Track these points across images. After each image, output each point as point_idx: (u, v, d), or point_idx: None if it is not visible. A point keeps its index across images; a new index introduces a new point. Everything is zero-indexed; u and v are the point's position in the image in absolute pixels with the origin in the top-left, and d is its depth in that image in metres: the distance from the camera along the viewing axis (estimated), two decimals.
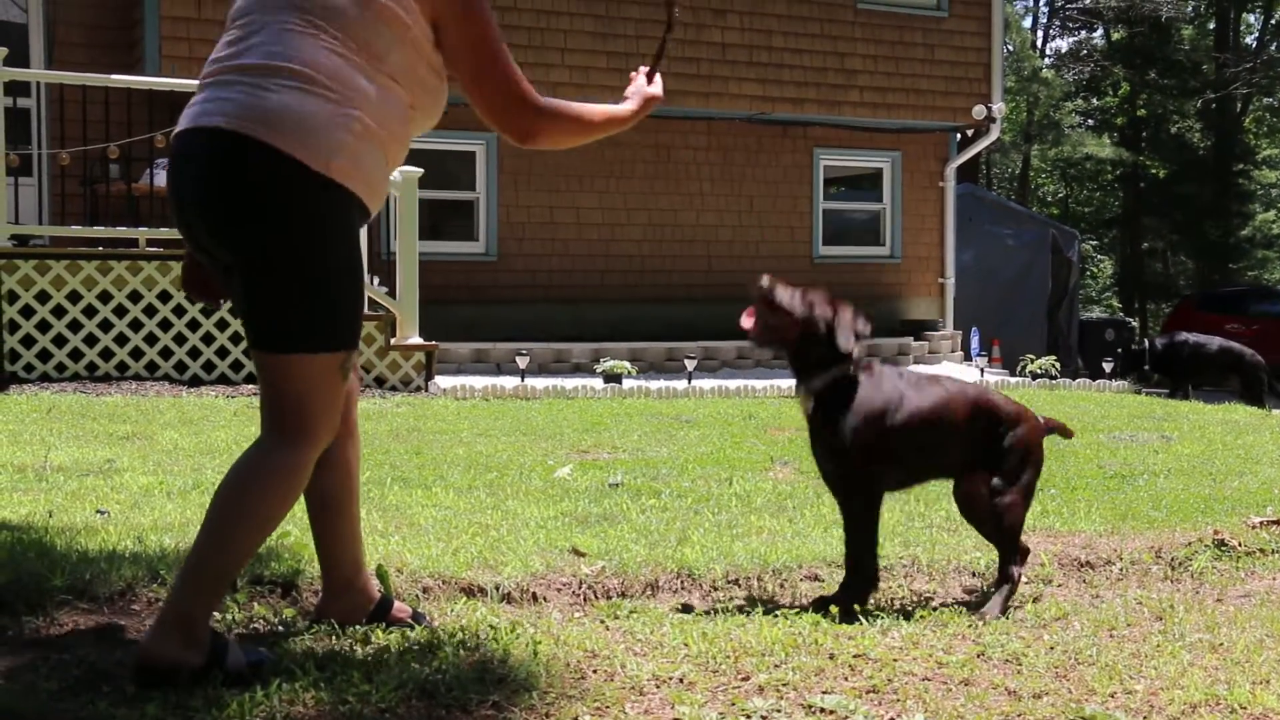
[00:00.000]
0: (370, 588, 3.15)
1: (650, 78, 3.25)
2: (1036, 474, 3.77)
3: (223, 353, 10.05)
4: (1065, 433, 4.05)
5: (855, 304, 3.73)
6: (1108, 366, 15.27)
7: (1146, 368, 14.61)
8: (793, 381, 3.73)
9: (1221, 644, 3.22)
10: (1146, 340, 15.42)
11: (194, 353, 9.96)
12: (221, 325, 10.04)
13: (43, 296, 9.60)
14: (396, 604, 3.18)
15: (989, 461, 3.66)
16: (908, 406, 3.58)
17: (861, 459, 3.53)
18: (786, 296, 3.62)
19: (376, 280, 11.58)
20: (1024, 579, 4.08)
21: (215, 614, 3.19)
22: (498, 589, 3.60)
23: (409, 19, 2.79)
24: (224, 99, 2.67)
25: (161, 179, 10.66)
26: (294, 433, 2.72)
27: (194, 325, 9.95)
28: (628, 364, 12.65)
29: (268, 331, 2.70)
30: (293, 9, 2.71)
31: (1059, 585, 4.10)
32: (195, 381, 9.84)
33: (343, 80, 2.69)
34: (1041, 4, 41.95)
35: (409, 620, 3.14)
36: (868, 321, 3.69)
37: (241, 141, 2.61)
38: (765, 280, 3.62)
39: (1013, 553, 3.69)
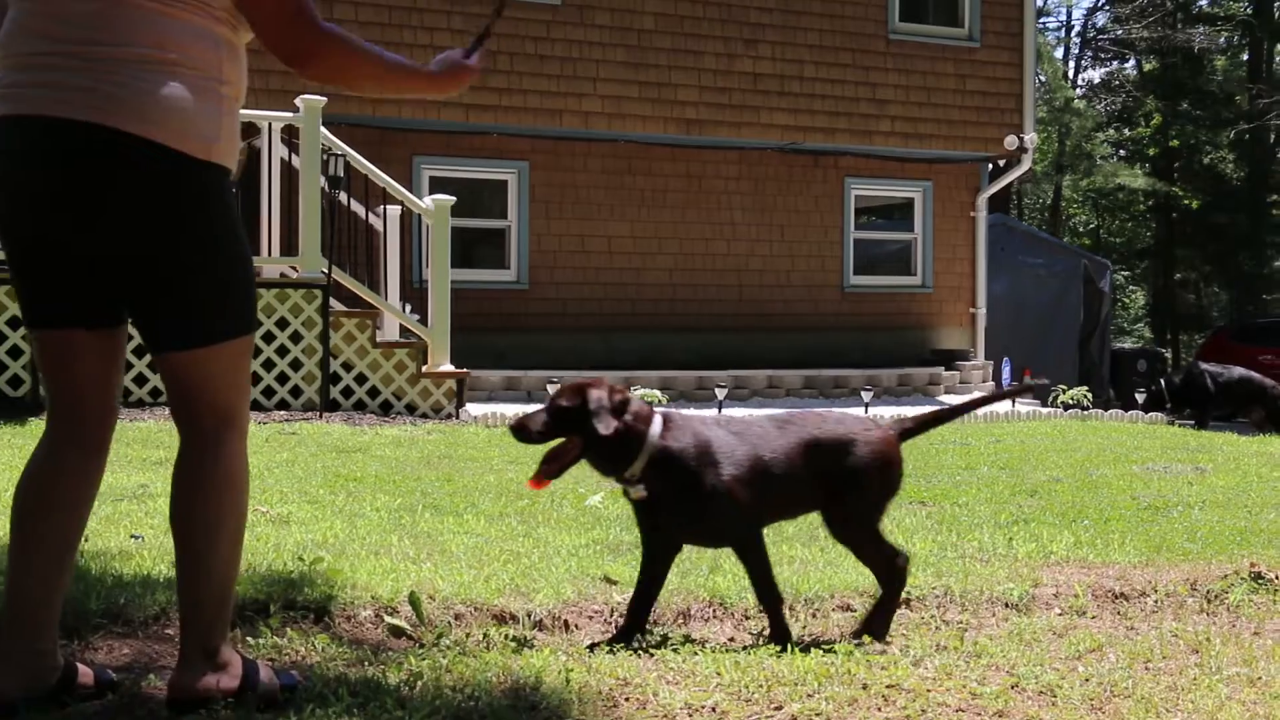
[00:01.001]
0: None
1: (468, 54, 2.96)
2: (890, 488, 3.68)
3: (255, 379, 10.11)
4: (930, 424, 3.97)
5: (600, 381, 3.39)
6: (1140, 398, 15.17)
7: (1168, 406, 14.55)
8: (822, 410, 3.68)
9: (1259, 678, 3.19)
10: (1163, 380, 15.36)
11: None
12: (254, 351, 10.10)
13: None
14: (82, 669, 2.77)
15: (841, 487, 3.54)
16: (728, 450, 3.40)
17: (731, 505, 3.37)
18: (539, 421, 3.34)
19: (409, 307, 11.64)
20: (1056, 610, 4.05)
21: (249, 640, 3.21)
22: (529, 616, 3.61)
23: None
24: (76, 87, 2.50)
25: None
26: (228, 425, 2.67)
27: None
28: (658, 393, 12.66)
29: (195, 326, 2.61)
30: None
31: (1093, 617, 4.07)
32: None
33: (191, 53, 2.56)
34: (1073, 35, 41.94)
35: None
36: (621, 392, 3.38)
37: (119, 138, 2.48)
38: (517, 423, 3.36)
39: (886, 568, 3.60)
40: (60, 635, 3.06)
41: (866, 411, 12.60)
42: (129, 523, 4.77)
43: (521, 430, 3.31)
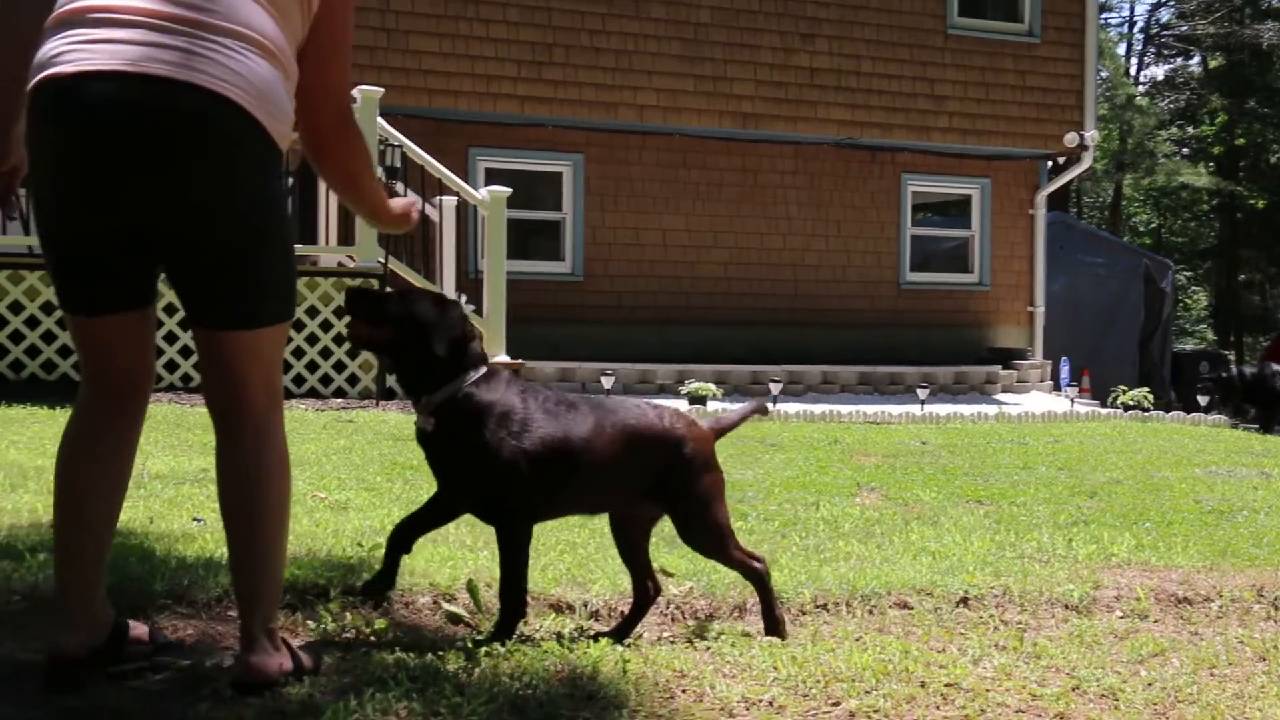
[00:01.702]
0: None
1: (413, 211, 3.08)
2: (716, 483, 3.47)
3: (313, 367, 10.19)
4: (757, 413, 3.81)
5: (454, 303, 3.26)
6: (1202, 400, 14.96)
7: (1237, 398, 14.32)
8: (876, 407, 3.59)
9: None
10: (1234, 370, 15.10)
11: (284, 366, 10.11)
12: (312, 340, 10.18)
13: None
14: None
15: (669, 487, 3.35)
16: (531, 423, 3.15)
17: (508, 475, 3.13)
18: (386, 302, 3.18)
19: (464, 298, 11.69)
20: (1117, 613, 4.01)
21: (309, 623, 3.24)
22: (585, 606, 3.61)
23: None
24: (194, 53, 2.48)
25: None
26: (269, 408, 2.70)
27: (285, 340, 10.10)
28: (713, 386, 12.64)
29: (264, 306, 2.63)
30: None
31: (1155, 621, 4.01)
32: (285, 395, 9.97)
33: (283, 50, 2.62)
34: (1136, 31, 41.42)
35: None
36: (470, 324, 3.22)
37: (230, 107, 2.49)
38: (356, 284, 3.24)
39: (740, 564, 3.45)
40: (127, 613, 3.11)
41: (923, 409, 12.51)
42: (191, 506, 4.83)
43: (357, 301, 3.14)
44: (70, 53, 2.46)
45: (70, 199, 2.52)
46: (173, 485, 5.34)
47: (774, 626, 3.44)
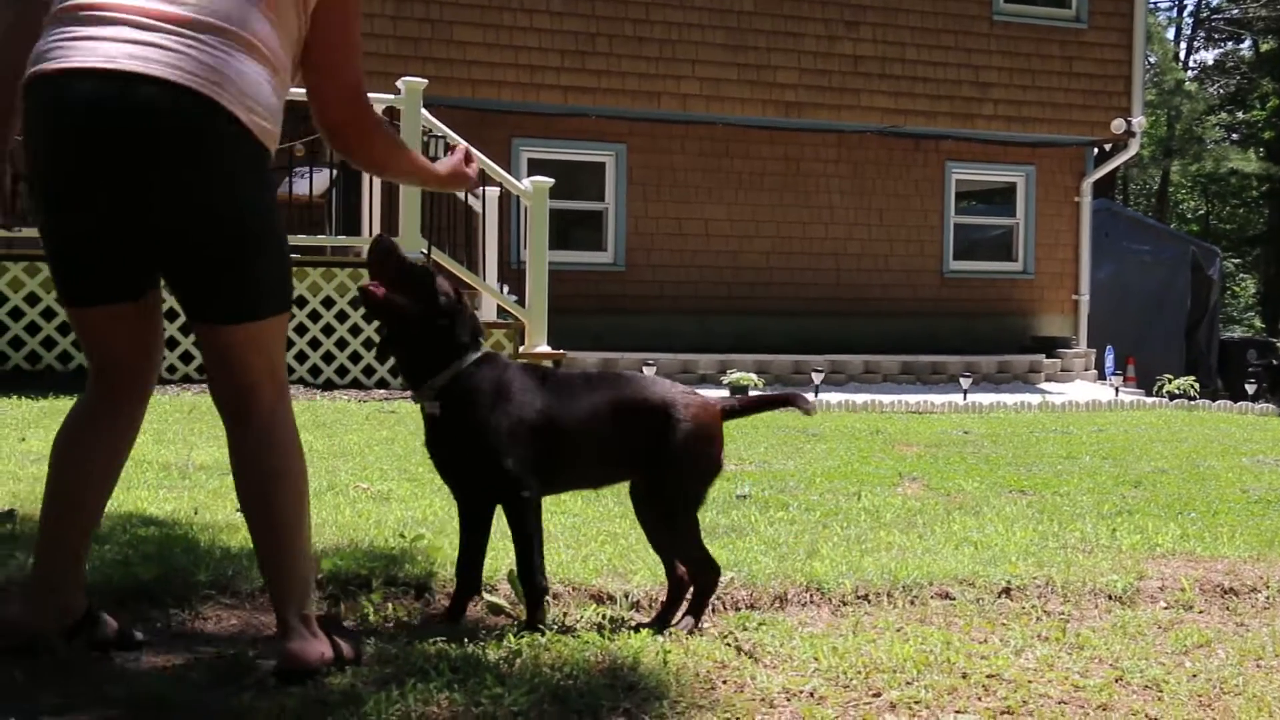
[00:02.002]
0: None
1: (468, 161, 3.11)
2: (708, 467, 3.30)
3: (355, 358, 10.26)
4: (746, 409, 3.66)
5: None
6: (1250, 388, 14.79)
7: None
8: (918, 397, 3.54)
9: None
10: None
11: (328, 357, 10.19)
12: (355, 330, 10.25)
13: None
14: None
15: (655, 462, 3.22)
16: (543, 405, 3.16)
17: (512, 453, 3.13)
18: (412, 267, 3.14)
19: (506, 288, 11.73)
20: (1161, 604, 3.97)
21: (352, 614, 3.26)
22: (626, 597, 3.61)
23: None
24: (176, 51, 2.51)
25: (300, 187, 10.95)
26: (276, 398, 2.72)
27: (328, 330, 10.18)
28: (754, 376, 12.62)
29: (263, 298, 2.67)
30: None
31: (1200, 612, 3.97)
32: (329, 385, 10.07)
33: (274, 50, 2.65)
34: (1185, 15, 40.93)
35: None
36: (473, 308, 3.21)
37: (209, 105, 2.51)
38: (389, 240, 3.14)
39: (696, 568, 3.31)
40: (171, 604, 3.14)
41: (965, 399, 12.44)
42: (235, 497, 4.86)
43: (383, 251, 3.09)
44: (59, 49, 2.51)
45: (58, 194, 2.57)
46: (217, 476, 5.39)
47: (666, 622, 3.28)
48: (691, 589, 3.33)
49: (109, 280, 2.65)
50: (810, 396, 12.03)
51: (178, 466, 5.63)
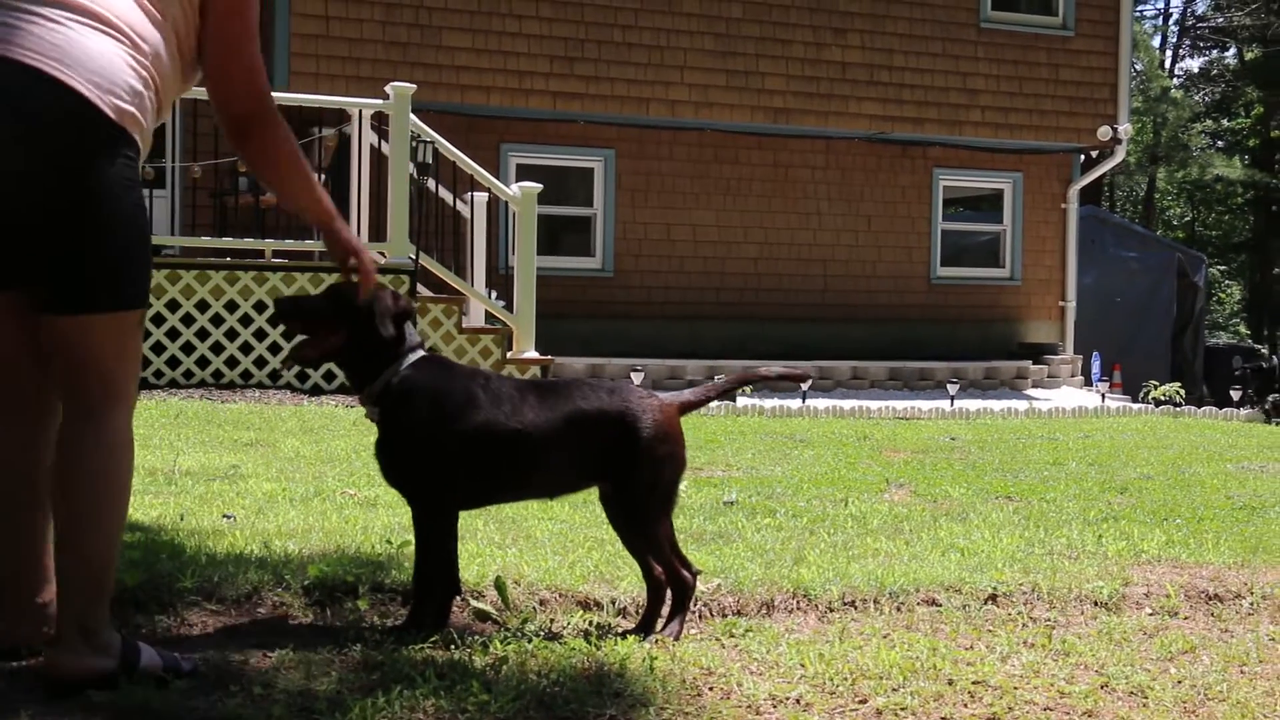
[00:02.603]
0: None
1: (360, 271, 3.02)
2: (673, 467, 3.27)
3: None
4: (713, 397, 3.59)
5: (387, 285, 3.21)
6: (1235, 394, 14.84)
7: (1279, 387, 14.21)
8: (905, 403, 3.55)
9: None
10: (1276, 357, 14.97)
11: (315, 364, 10.16)
12: None
13: (173, 305, 9.88)
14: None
15: (619, 468, 3.21)
16: (468, 406, 3.10)
17: (434, 468, 3.11)
18: (316, 301, 3.13)
19: (494, 294, 11.72)
20: (1147, 610, 3.98)
21: (336, 622, 3.25)
22: (613, 603, 3.61)
23: None
24: (9, 25, 2.44)
25: None
26: (115, 398, 2.62)
27: None
28: None
29: (94, 290, 2.54)
30: None
31: (1185, 618, 3.99)
32: (316, 390, 10.05)
33: (134, 26, 2.56)
34: (1171, 23, 41.08)
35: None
36: (404, 300, 3.15)
37: (43, 79, 2.42)
38: (282, 299, 3.15)
39: (672, 573, 3.30)
40: (156, 610, 3.13)
41: (952, 405, 12.46)
42: (221, 503, 4.86)
43: (289, 308, 3.12)
44: None
45: None
46: (203, 482, 5.38)
47: (650, 628, 3.27)
48: (669, 593, 3.31)
49: None
50: (797, 403, 12.05)
51: (163, 472, 5.61)
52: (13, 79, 2.42)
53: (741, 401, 11.83)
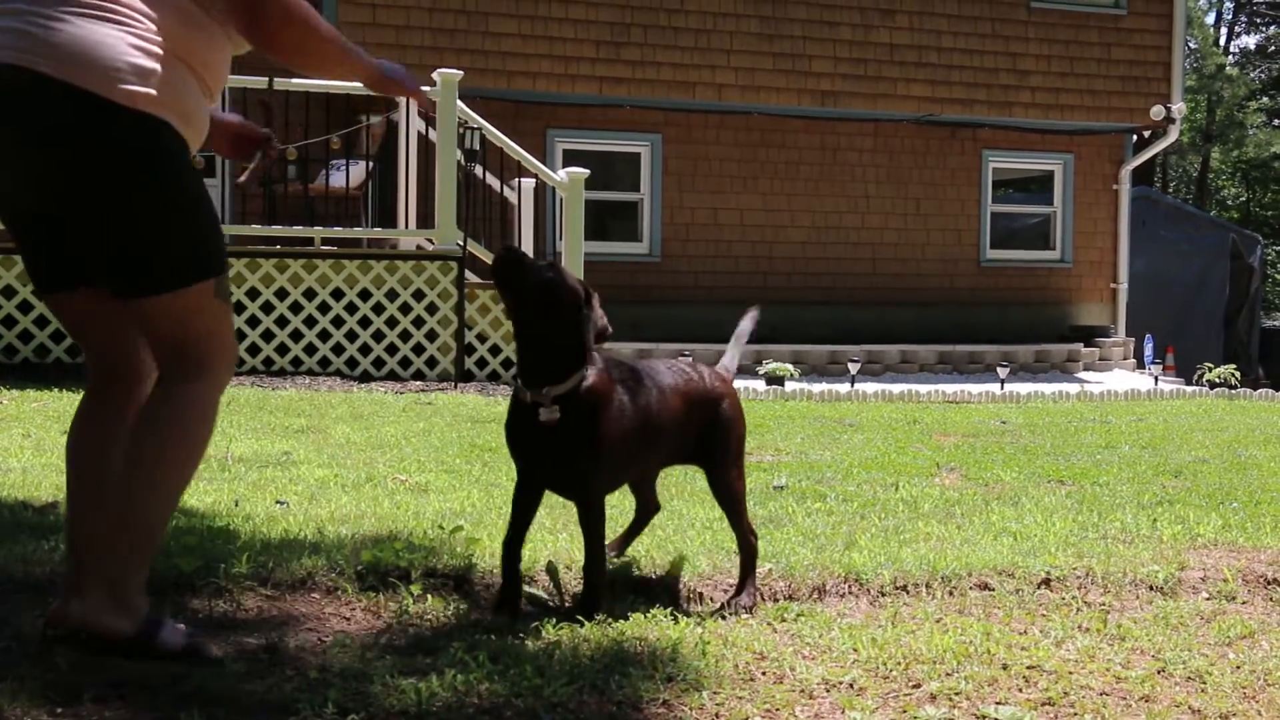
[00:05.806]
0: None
1: (414, 91, 3.03)
2: (743, 438, 3.68)
3: (392, 350, 10.30)
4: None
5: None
6: None
7: None
8: (955, 386, 3.56)
9: None
10: None
11: (365, 349, 10.23)
12: (391, 322, 10.29)
13: None
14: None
15: (713, 443, 3.55)
16: (648, 403, 3.29)
17: (612, 469, 3.29)
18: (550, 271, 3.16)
19: None
20: (1203, 595, 3.94)
21: (391, 605, 3.27)
22: (665, 588, 3.62)
23: None
24: (6, 29, 2.46)
25: (336, 179, 11.00)
26: (192, 372, 2.64)
27: (365, 322, 10.22)
28: (790, 366, 12.60)
29: (138, 273, 2.56)
30: None
31: (1243, 602, 3.94)
32: (365, 377, 10.11)
33: (129, 3, 2.53)
34: (1226, 0, 40.45)
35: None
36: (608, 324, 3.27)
37: (40, 80, 2.42)
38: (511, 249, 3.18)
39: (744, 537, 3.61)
40: (211, 594, 3.17)
41: (1002, 388, 12.36)
42: (274, 489, 4.90)
43: (511, 264, 3.11)
44: None
45: None
46: (256, 468, 5.43)
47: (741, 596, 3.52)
48: (739, 561, 3.60)
49: (39, 267, 2.67)
50: (845, 387, 12.00)
51: (217, 459, 5.66)
52: (11, 83, 2.44)
53: (790, 386, 11.79)
